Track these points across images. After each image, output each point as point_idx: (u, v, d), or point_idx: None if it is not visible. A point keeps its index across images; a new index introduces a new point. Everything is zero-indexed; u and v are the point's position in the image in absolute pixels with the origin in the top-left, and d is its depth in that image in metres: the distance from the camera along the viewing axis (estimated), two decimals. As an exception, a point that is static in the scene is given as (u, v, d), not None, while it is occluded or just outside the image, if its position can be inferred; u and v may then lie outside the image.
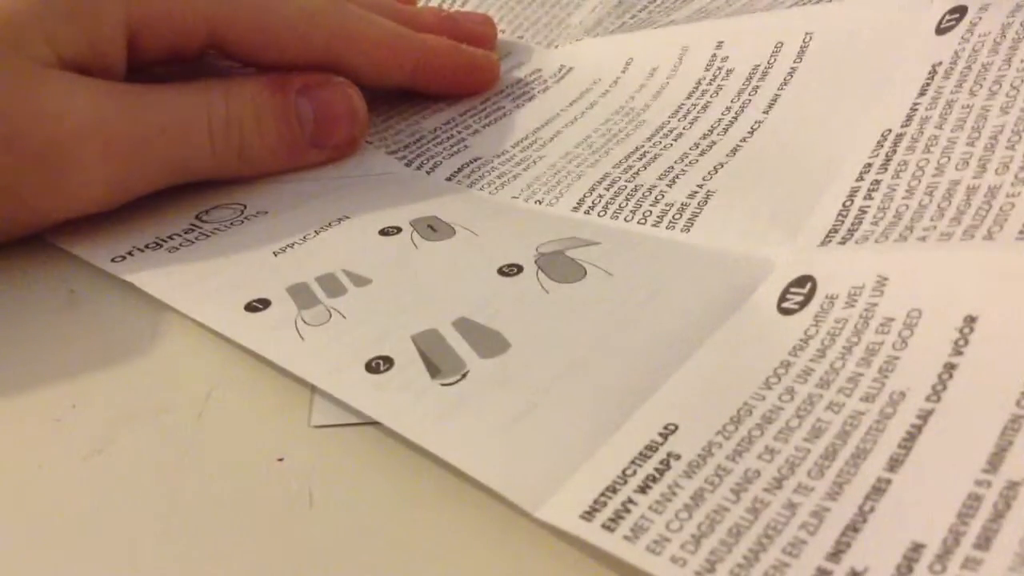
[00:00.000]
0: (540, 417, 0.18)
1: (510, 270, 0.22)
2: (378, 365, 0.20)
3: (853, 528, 0.15)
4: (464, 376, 0.19)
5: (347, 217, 0.26)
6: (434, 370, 0.19)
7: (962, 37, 0.24)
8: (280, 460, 0.19)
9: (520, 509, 0.17)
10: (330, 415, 0.20)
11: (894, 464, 0.16)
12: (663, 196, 0.25)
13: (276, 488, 0.18)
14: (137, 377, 0.22)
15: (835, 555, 0.14)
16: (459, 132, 0.31)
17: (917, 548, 0.14)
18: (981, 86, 0.23)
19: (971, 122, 0.22)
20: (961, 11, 0.25)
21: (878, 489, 0.15)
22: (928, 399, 0.17)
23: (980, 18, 0.24)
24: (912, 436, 0.16)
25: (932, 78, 0.24)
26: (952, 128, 0.22)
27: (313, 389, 0.20)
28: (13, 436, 0.20)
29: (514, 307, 0.21)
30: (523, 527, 0.17)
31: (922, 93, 0.24)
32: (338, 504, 0.18)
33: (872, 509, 0.15)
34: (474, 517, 0.17)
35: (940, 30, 0.25)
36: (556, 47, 0.35)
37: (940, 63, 0.24)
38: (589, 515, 0.16)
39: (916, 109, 0.23)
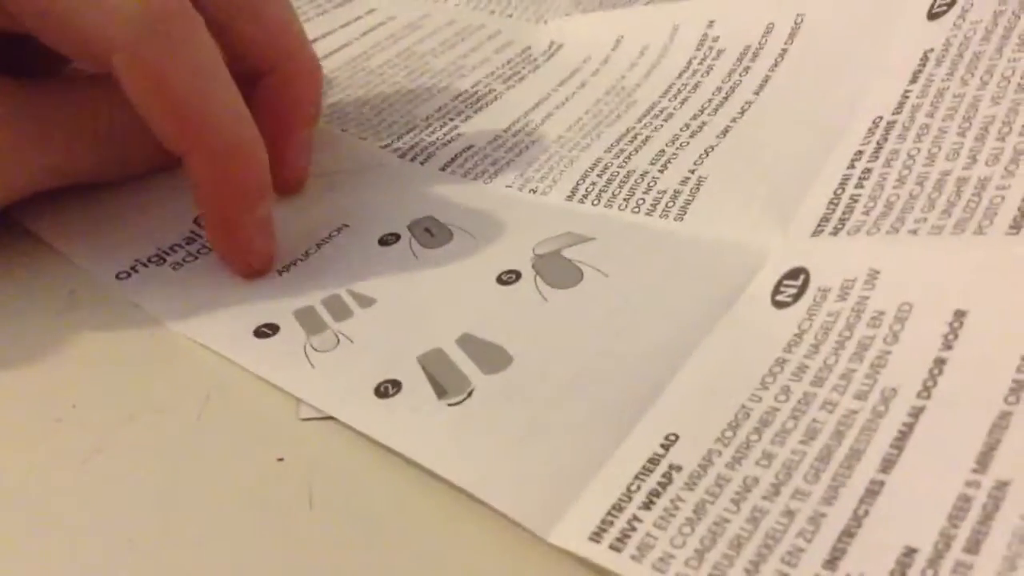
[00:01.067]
0: (545, 436, 0.18)
1: (508, 277, 0.23)
2: (386, 389, 0.20)
3: (848, 533, 0.15)
4: (469, 395, 0.19)
5: (346, 226, 0.26)
6: (440, 390, 0.20)
7: (954, 24, 0.24)
8: (280, 460, 0.19)
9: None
10: (316, 409, 0.20)
11: (887, 465, 0.16)
12: (655, 183, 0.25)
13: (276, 488, 0.19)
14: (137, 377, 0.22)
15: (831, 562, 0.15)
16: (451, 119, 0.30)
17: (910, 553, 0.14)
18: (972, 75, 0.22)
19: (962, 112, 0.22)
20: None
21: (872, 492, 0.15)
22: (919, 395, 0.17)
23: (972, 4, 0.24)
24: (904, 435, 0.16)
25: (924, 65, 0.24)
26: (943, 117, 0.22)
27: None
28: (13, 436, 0.20)
29: (514, 318, 0.21)
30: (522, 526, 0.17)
31: (913, 80, 0.24)
32: (338, 504, 0.18)
33: (866, 513, 0.15)
34: (474, 517, 0.18)
35: (932, 15, 0.25)
36: (545, 22, 0.35)
37: (932, 50, 0.24)
38: (597, 536, 0.16)
39: (907, 96, 0.23)
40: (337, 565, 0.17)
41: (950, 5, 0.25)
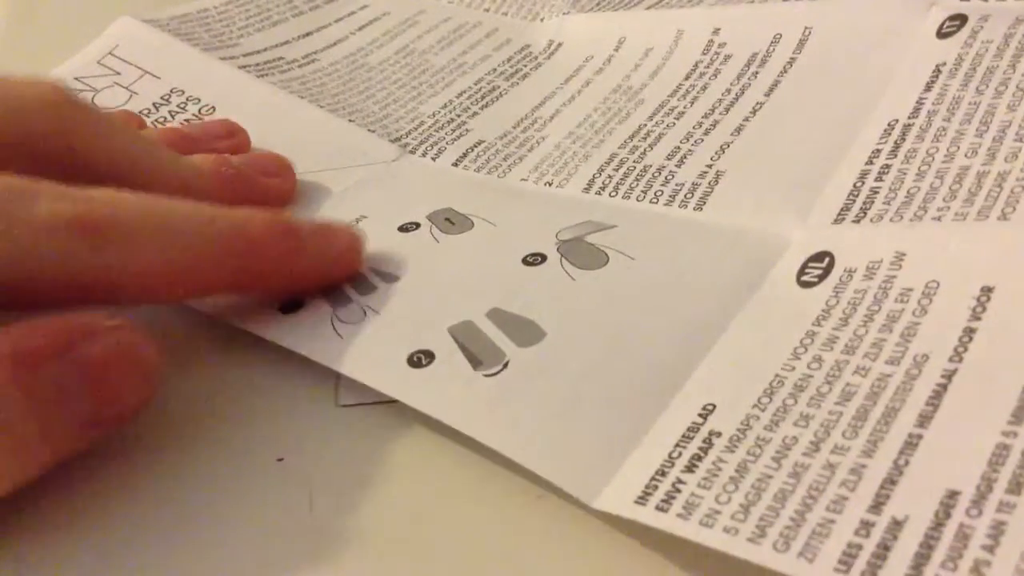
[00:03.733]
0: (585, 406, 0.19)
1: (534, 259, 0.23)
2: (419, 359, 0.20)
3: (891, 481, 0.16)
4: (505, 366, 0.20)
5: (364, 217, 0.26)
6: (475, 361, 0.20)
7: (964, 42, 0.26)
8: (280, 460, 0.19)
9: (519, 504, 0.18)
10: (356, 395, 0.20)
11: (924, 420, 0.17)
12: (672, 176, 0.26)
13: (276, 489, 0.19)
14: None
15: (876, 507, 0.16)
16: (459, 115, 0.31)
17: (953, 495, 0.16)
18: (987, 86, 0.24)
19: (979, 117, 0.24)
20: (961, 19, 0.27)
21: (910, 444, 0.17)
22: (951, 360, 0.18)
23: (981, 27, 0.26)
24: (938, 394, 0.17)
25: (937, 76, 0.26)
26: (960, 121, 0.24)
27: (338, 373, 0.21)
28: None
29: (543, 296, 0.22)
30: (523, 523, 0.18)
31: (928, 89, 0.25)
32: (338, 506, 0.18)
33: (907, 462, 0.16)
34: (474, 516, 0.18)
35: (941, 34, 0.27)
36: (542, 20, 0.36)
37: (944, 63, 0.26)
38: (643, 500, 0.17)
39: (923, 103, 0.25)
40: (337, 566, 0.17)
41: (959, 26, 0.27)
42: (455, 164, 0.29)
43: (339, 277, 0.24)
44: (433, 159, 0.29)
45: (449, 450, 0.19)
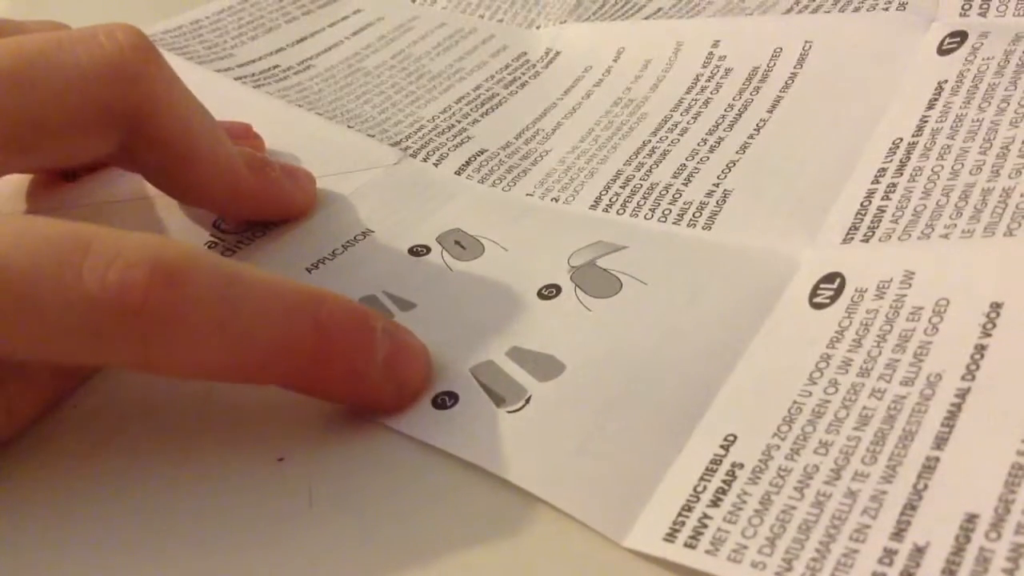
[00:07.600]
0: (608, 440, 0.19)
1: (549, 292, 0.23)
2: (444, 401, 0.21)
3: (911, 507, 0.16)
4: (527, 401, 0.20)
5: (371, 231, 0.26)
6: (498, 399, 0.20)
7: (966, 59, 0.26)
8: (280, 460, 0.20)
9: (517, 504, 0.18)
10: None
11: (940, 442, 0.17)
12: (680, 195, 0.26)
13: (276, 488, 0.19)
14: (137, 377, 0.22)
15: (898, 534, 0.16)
16: (459, 121, 0.31)
17: (972, 518, 0.16)
18: (989, 103, 0.25)
19: (982, 134, 0.24)
20: (961, 36, 0.27)
21: (928, 467, 0.17)
22: (964, 378, 0.18)
23: (981, 44, 0.26)
24: (953, 414, 0.18)
25: (939, 94, 0.26)
26: (964, 139, 0.24)
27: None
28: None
29: (561, 329, 0.22)
30: (520, 524, 0.18)
31: (930, 107, 0.26)
32: (338, 504, 0.19)
33: (926, 487, 0.17)
34: (474, 517, 0.18)
35: (942, 51, 0.27)
36: (538, 28, 0.36)
37: (946, 81, 0.26)
38: (671, 536, 0.17)
39: (926, 121, 0.25)
40: (336, 566, 0.18)
41: (960, 43, 0.27)
42: (458, 173, 0.29)
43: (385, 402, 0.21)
44: (435, 165, 0.29)
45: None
